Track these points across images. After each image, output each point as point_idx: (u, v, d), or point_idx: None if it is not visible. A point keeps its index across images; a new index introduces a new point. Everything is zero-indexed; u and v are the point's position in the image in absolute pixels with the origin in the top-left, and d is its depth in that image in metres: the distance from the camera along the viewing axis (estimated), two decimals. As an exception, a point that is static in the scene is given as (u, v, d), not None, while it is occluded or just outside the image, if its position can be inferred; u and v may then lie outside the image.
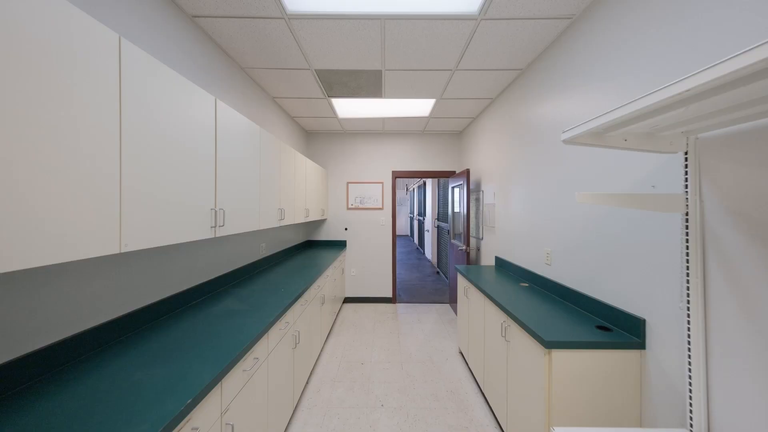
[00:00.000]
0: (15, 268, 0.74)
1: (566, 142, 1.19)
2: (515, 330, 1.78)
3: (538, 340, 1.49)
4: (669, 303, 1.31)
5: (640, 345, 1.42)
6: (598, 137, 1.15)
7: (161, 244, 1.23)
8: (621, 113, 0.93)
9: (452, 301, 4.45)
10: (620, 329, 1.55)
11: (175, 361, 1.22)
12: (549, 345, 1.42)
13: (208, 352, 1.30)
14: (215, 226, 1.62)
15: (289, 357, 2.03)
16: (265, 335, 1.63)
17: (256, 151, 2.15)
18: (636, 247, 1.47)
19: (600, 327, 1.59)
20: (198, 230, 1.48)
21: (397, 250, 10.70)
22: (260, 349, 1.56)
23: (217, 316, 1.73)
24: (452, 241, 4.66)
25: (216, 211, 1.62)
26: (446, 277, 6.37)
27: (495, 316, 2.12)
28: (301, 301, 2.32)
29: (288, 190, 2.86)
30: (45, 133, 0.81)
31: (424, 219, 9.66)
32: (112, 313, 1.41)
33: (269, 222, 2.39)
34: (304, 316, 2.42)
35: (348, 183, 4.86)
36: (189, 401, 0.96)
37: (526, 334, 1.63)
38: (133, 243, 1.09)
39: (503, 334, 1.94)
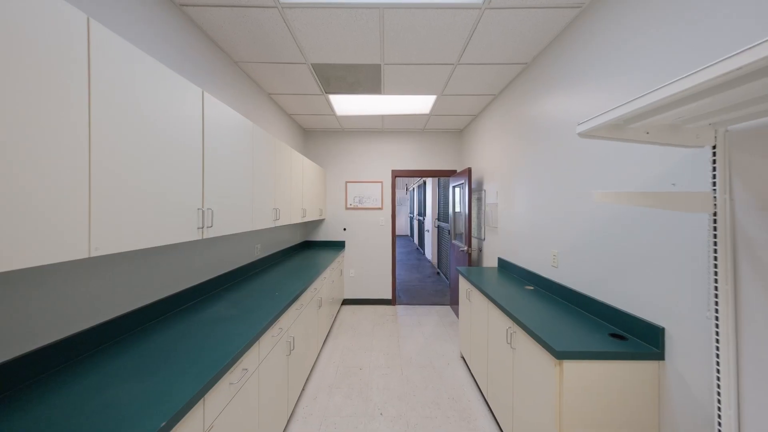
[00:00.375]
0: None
1: (582, 135, 1.09)
2: (522, 337, 1.68)
3: (548, 350, 1.39)
4: (691, 309, 1.21)
5: (659, 355, 1.32)
6: (618, 130, 1.04)
7: (140, 247, 1.13)
8: (647, 101, 0.83)
9: (453, 302, 4.35)
10: (636, 337, 1.44)
11: (155, 375, 1.11)
12: (560, 355, 1.32)
13: (191, 364, 1.19)
14: (203, 227, 1.51)
15: (283, 365, 1.93)
16: (256, 343, 1.53)
17: (249, 148, 2.05)
18: (651, 249, 1.37)
19: (613, 335, 1.49)
20: (183, 231, 1.38)
21: (397, 250, 10.60)
22: (250, 358, 1.46)
23: (207, 322, 1.62)
24: (453, 241, 4.55)
25: (203, 211, 1.52)
26: (447, 278, 6.27)
27: (499, 321, 2.01)
28: (296, 304, 2.21)
29: (284, 189, 2.75)
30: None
31: (424, 219, 9.56)
32: (93, 320, 1.31)
33: (263, 222, 2.28)
34: (300, 320, 2.31)
35: (347, 182, 4.76)
36: (163, 425, 0.85)
37: (535, 342, 1.53)
38: (106, 246, 0.99)
39: (509, 341, 1.84)
